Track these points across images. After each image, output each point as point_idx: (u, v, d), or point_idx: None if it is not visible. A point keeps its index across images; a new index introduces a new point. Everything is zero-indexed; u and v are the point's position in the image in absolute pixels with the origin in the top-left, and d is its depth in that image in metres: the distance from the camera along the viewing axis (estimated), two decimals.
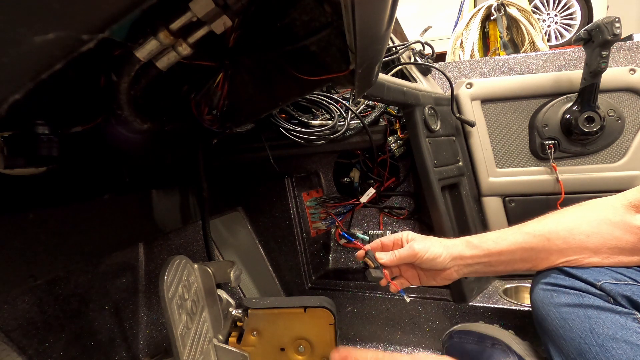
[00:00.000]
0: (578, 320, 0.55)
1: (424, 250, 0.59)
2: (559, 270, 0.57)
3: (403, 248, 0.61)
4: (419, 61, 1.05)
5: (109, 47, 0.43)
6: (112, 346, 0.77)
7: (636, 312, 0.52)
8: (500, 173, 1.00)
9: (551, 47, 2.60)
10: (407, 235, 0.63)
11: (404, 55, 1.02)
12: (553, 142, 0.94)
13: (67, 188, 0.60)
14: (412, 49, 1.07)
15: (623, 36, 1.77)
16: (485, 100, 1.00)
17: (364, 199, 1.07)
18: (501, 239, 0.60)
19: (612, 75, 0.92)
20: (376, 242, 0.65)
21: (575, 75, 0.93)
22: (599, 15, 2.74)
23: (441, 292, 0.92)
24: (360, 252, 0.63)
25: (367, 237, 0.69)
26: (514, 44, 1.94)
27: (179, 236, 0.99)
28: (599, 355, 0.51)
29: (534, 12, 2.24)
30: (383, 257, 0.61)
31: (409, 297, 0.62)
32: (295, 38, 0.52)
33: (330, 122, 0.88)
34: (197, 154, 0.78)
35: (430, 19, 3.52)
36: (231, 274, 0.66)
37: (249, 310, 0.71)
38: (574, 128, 0.91)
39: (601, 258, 0.55)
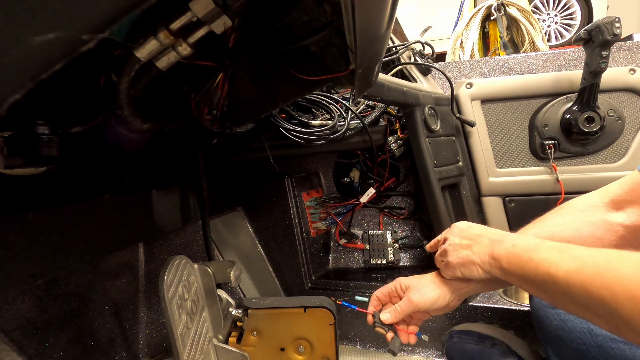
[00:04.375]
0: (577, 321, 0.55)
1: (422, 300, 0.59)
2: None
3: (402, 302, 0.61)
4: (419, 61, 1.05)
5: (109, 47, 0.43)
6: (112, 346, 0.77)
7: None
8: (500, 173, 1.00)
9: (551, 47, 2.60)
10: (399, 284, 0.63)
11: (404, 55, 1.02)
12: (553, 142, 0.94)
13: (67, 188, 0.60)
14: (412, 49, 1.07)
15: (623, 36, 1.77)
16: (485, 100, 1.00)
17: (364, 199, 1.07)
18: None
19: (612, 75, 0.92)
20: (374, 300, 0.66)
21: (575, 75, 0.93)
22: (599, 15, 2.74)
23: None
24: (370, 318, 0.63)
25: (366, 299, 0.69)
26: (514, 44, 1.94)
27: (179, 236, 0.98)
28: (598, 355, 0.51)
29: (534, 12, 2.24)
30: (388, 318, 0.61)
31: (426, 335, 0.63)
32: (295, 38, 0.52)
33: (330, 122, 0.88)
34: (197, 154, 0.78)
35: (430, 19, 3.53)
36: (231, 274, 0.66)
37: (249, 310, 0.71)
38: (574, 128, 0.91)
39: None
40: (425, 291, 0.60)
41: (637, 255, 0.36)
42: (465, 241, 0.56)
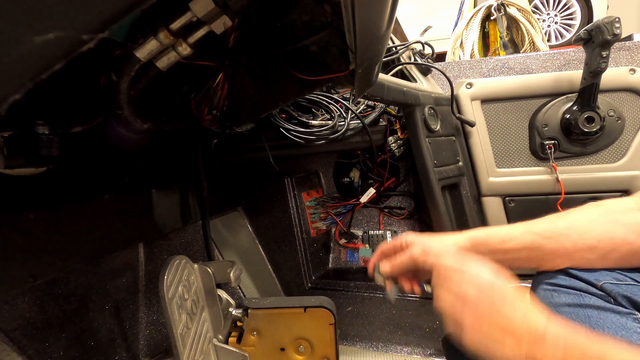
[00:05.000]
0: (578, 320, 0.55)
1: (422, 257, 0.58)
2: (559, 270, 0.57)
3: (403, 255, 0.60)
4: (419, 61, 1.05)
5: (109, 47, 0.43)
6: (112, 346, 0.77)
7: (637, 313, 0.52)
8: (500, 173, 1.00)
9: (551, 47, 2.60)
10: (405, 239, 0.62)
11: (404, 55, 1.02)
12: (553, 142, 0.94)
13: (67, 188, 0.60)
14: (412, 49, 1.07)
15: (623, 36, 1.77)
16: (485, 100, 1.00)
17: (364, 199, 1.07)
18: (508, 238, 0.58)
19: (612, 75, 0.92)
20: (378, 252, 0.64)
21: (575, 75, 0.93)
22: (599, 15, 2.74)
23: None
24: (371, 269, 0.63)
25: (370, 250, 0.69)
26: (514, 44, 1.94)
27: (179, 236, 0.98)
28: None
29: (534, 12, 2.24)
30: (386, 268, 0.61)
31: (429, 286, 0.60)
32: (295, 38, 0.52)
33: (330, 122, 0.88)
34: (197, 154, 0.78)
35: (430, 19, 3.53)
36: (231, 274, 0.66)
37: (249, 310, 0.71)
38: (574, 128, 0.91)
39: (611, 262, 0.54)
40: (427, 249, 0.58)
41: None
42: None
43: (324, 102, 0.90)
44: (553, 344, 0.37)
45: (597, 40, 0.83)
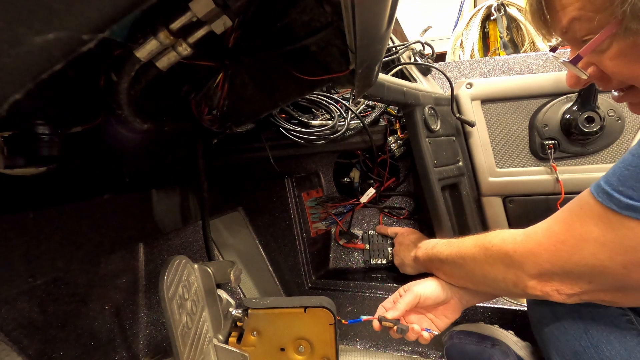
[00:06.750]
0: (573, 321, 0.55)
1: (421, 289, 0.67)
2: None
3: (405, 295, 0.68)
4: (419, 61, 1.05)
5: (109, 47, 0.43)
6: (112, 346, 0.77)
7: (629, 313, 0.52)
8: (500, 173, 1.00)
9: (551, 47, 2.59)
10: (401, 289, 0.71)
11: (404, 55, 1.02)
12: (553, 142, 0.94)
13: (67, 188, 0.60)
14: (412, 49, 1.07)
15: None
16: (485, 100, 1.00)
17: (364, 199, 1.07)
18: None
19: None
20: (380, 309, 0.71)
21: None
22: None
23: None
24: (376, 324, 0.68)
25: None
26: (514, 44, 1.94)
27: (179, 236, 0.98)
28: (594, 356, 0.51)
29: None
30: (392, 313, 0.67)
31: (433, 332, 0.68)
32: (295, 38, 0.52)
33: (330, 122, 0.88)
34: (197, 154, 0.78)
35: (430, 19, 3.52)
36: (231, 274, 0.66)
37: (249, 310, 0.71)
38: (574, 128, 0.91)
39: None
40: (425, 283, 0.69)
41: (469, 242, 0.62)
42: (402, 247, 0.90)
43: (324, 102, 0.90)
44: (422, 247, 0.78)
45: None
